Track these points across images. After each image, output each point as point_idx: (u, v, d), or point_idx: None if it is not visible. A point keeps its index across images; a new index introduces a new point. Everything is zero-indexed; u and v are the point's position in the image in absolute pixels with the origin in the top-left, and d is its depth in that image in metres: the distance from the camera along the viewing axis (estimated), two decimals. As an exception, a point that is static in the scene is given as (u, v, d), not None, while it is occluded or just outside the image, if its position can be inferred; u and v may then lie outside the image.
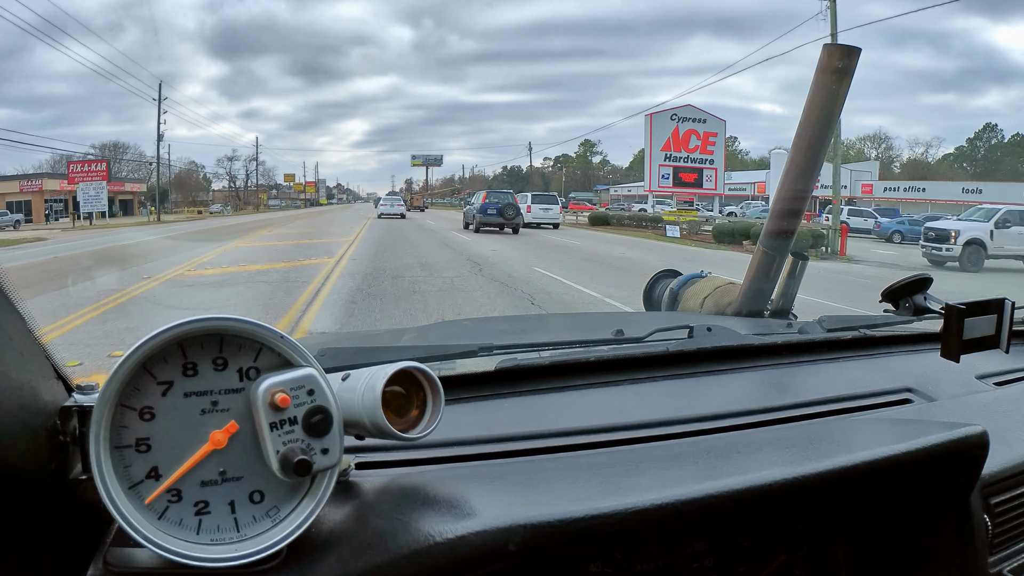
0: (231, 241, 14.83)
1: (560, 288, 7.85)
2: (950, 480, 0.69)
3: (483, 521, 0.50)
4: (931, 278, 1.06)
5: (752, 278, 1.32)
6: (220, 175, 56.46)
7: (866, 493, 0.70)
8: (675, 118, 23.79)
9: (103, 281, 8.22)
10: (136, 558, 0.49)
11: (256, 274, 8.95)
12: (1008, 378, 1.03)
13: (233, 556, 0.48)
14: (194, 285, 7.89)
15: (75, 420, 0.51)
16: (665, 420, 0.77)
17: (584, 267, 10.39)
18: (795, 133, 1.24)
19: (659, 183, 23.85)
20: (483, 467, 0.66)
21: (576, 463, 0.67)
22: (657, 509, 0.53)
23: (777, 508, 0.65)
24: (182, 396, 0.49)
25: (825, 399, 0.87)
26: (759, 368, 0.97)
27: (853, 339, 1.08)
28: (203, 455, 0.49)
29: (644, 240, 18.36)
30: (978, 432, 0.66)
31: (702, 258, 11.87)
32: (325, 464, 0.51)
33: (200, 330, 0.49)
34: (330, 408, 0.51)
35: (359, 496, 0.57)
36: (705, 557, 0.69)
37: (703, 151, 23.92)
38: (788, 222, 1.29)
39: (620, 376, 0.88)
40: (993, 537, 0.74)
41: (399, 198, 36.24)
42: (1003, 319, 0.88)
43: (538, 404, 0.81)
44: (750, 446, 0.71)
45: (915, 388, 0.94)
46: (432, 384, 0.57)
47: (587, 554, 0.64)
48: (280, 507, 0.51)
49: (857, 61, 1.18)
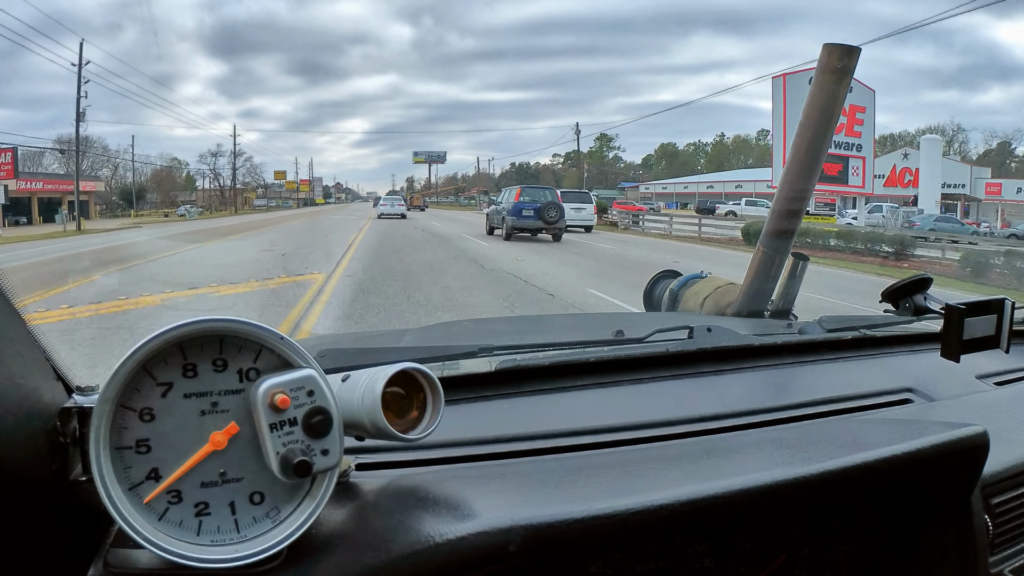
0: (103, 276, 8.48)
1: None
2: (950, 480, 0.69)
3: (483, 522, 0.50)
4: (931, 278, 1.06)
5: (752, 278, 1.32)
6: (204, 172, 51.61)
7: (867, 493, 0.70)
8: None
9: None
10: (136, 559, 0.49)
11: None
12: (1008, 378, 1.03)
13: (233, 557, 0.48)
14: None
15: (75, 421, 0.51)
16: (665, 420, 0.77)
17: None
18: (795, 133, 1.24)
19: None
20: (483, 468, 0.66)
21: (576, 464, 0.67)
22: (658, 509, 0.53)
23: (778, 508, 0.65)
24: (182, 397, 0.49)
25: (825, 399, 0.87)
26: (759, 368, 0.97)
27: (853, 339, 1.08)
28: (203, 456, 0.49)
29: (735, 253, 12.71)
30: (978, 432, 0.66)
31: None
32: (325, 465, 0.51)
33: (200, 331, 0.49)
34: (330, 409, 0.51)
35: (359, 497, 0.57)
36: (706, 557, 0.69)
37: (849, 132, 15.15)
38: (788, 222, 1.29)
39: (620, 376, 0.88)
40: (993, 537, 0.74)
41: (399, 197, 35.65)
42: (1003, 319, 0.88)
43: (538, 405, 0.81)
44: (750, 446, 0.71)
45: (915, 388, 0.94)
46: (432, 385, 0.57)
47: (588, 555, 0.64)
48: (280, 508, 0.51)
49: (857, 61, 1.18)
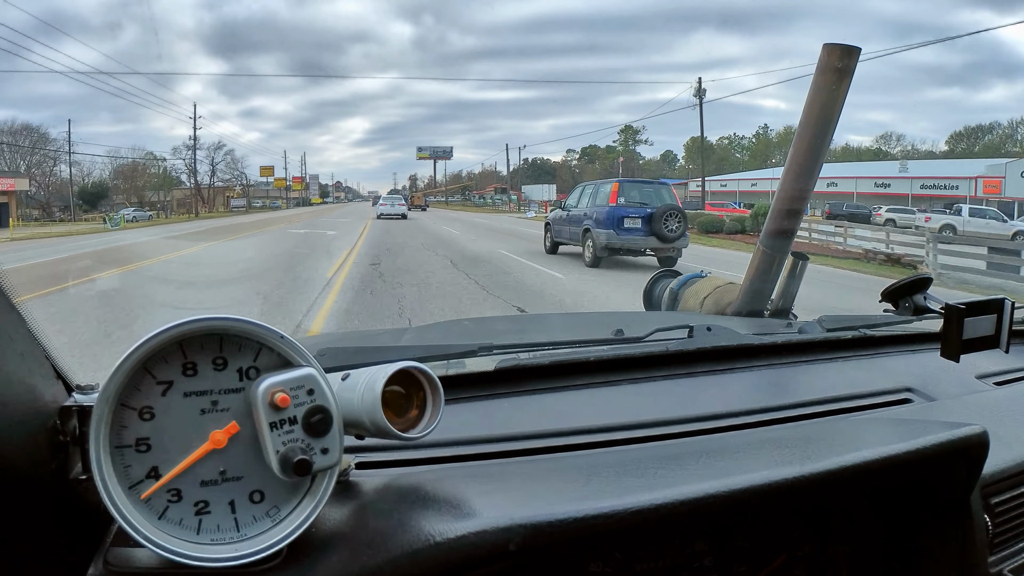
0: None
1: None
2: (950, 480, 0.69)
3: (483, 521, 0.50)
4: (931, 278, 1.06)
5: (752, 278, 1.32)
6: (180, 169, 45.41)
7: (866, 493, 0.70)
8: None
9: None
10: (136, 558, 0.49)
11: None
12: (1008, 378, 1.03)
13: (233, 556, 0.48)
14: None
15: (75, 420, 0.51)
16: (665, 420, 0.77)
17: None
18: (795, 133, 1.24)
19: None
20: (483, 467, 0.66)
21: (576, 463, 0.67)
22: (657, 509, 0.53)
23: (777, 508, 0.65)
24: (182, 396, 0.49)
25: (825, 399, 0.87)
26: (759, 368, 0.97)
27: (853, 339, 1.08)
28: (203, 454, 0.49)
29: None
30: (978, 432, 0.66)
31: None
32: (325, 464, 0.51)
33: (200, 330, 0.49)
34: (330, 408, 0.51)
35: (359, 496, 0.57)
36: (705, 557, 0.69)
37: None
38: (788, 222, 1.29)
39: (620, 376, 0.88)
40: (993, 537, 0.74)
41: (400, 197, 34.22)
42: (1003, 319, 0.88)
43: (538, 404, 0.81)
44: (750, 446, 0.71)
45: (915, 388, 0.94)
46: (432, 384, 0.57)
47: (587, 554, 0.64)
48: (280, 507, 0.51)
49: (857, 61, 1.18)
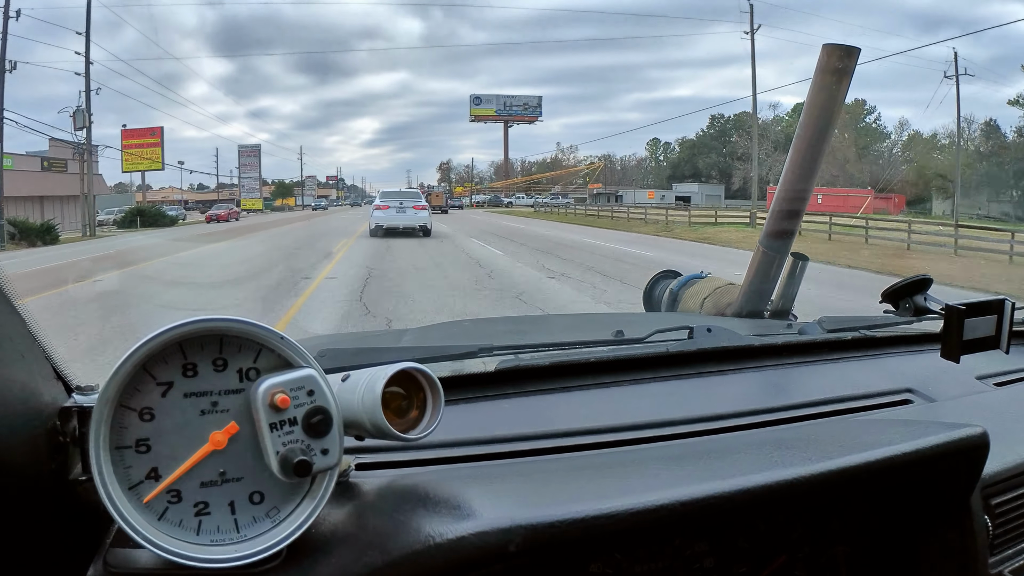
0: None
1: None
2: (950, 481, 0.69)
3: (483, 522, 0.50)
4: (931, 279, 1.06)
5: (752, 278, 1.32)
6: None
7: (866, 494, 0.70)
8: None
9: None
10: (136, 559, 0.49)
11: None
12: (1008, 378, 1.03)
13: (233, 557, 0.48)
14: None
15: (75, 421, 0.51)
16: (665, 421, 0.77)
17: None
18: (795, 133, 1.24)
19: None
20: (483, 468, 0.66)
21: (576, 464, 0.67)
22: (657, 510, 0.53)
23: (777, 509, 0.65)
24: (182, 397, 0.49)
25: (825, 400, 0.87)
26: (759, 369, 0.97)
27: (853, 339, 1.08)
28: (203, 455, 0.49)
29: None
30: (978, 432, 0.66)
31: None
32: (325, 465, 0.51)
33: (200, 331, 0.49)
34: (330, 409, 0.51)
35: (359, 497, 0.57)
36: (705, 558, 0.69)
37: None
38: (788, 222, 1.29)
39: (620, 377, 0.88)
40: (993, 538, 0.74)
41: (416, 196, 19.02)
42: (1003, 319, 0.88)
43: (538, 405, 0.81)
44: (750, 447, 0.71)
45: (915, 388, 0.94)
46: (432, 385, 0.57)
47: (588, 555, 0.64)
48: (280, 508, 0.51)
49: (856, 61, 1.18)
